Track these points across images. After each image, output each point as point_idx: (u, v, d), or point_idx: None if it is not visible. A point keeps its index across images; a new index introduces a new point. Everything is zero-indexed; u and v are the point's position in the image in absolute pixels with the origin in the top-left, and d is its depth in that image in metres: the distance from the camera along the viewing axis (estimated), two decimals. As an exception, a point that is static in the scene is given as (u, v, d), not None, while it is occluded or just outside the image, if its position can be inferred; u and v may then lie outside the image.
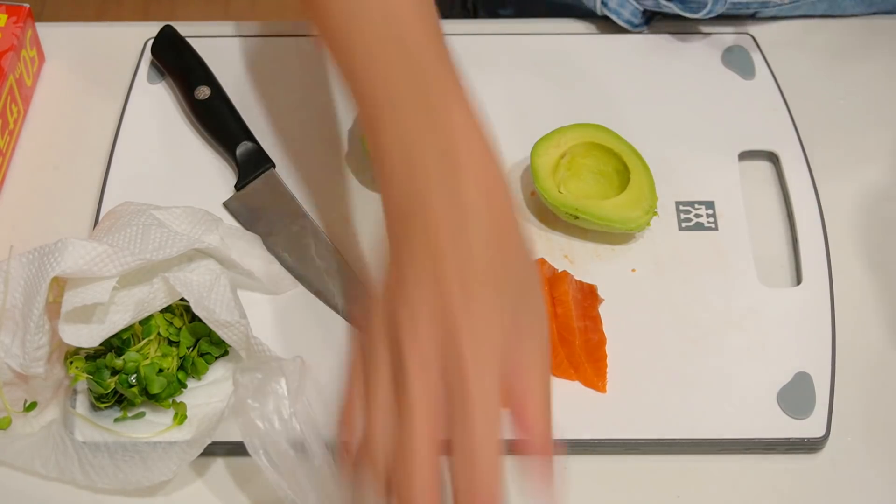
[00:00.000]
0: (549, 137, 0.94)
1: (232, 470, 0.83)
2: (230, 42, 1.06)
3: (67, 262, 0.80)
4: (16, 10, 1.01)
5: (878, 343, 0.89)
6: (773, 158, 0.99)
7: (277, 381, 0.79)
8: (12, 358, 0.81)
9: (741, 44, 1.05)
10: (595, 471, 0.83)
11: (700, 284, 0.91)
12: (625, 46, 1.05)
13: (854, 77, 1.05)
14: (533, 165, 0.93)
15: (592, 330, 0.87)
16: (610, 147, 0.94)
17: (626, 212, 0.91)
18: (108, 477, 0.81)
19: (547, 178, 0.92)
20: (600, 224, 0.91)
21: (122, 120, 1.00)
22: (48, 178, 0.98)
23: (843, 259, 0.93)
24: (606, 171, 0.95)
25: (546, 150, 0.94)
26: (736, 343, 0.88)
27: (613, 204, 0.91)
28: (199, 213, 0.89)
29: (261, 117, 1.00)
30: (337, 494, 0.78)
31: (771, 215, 0.96)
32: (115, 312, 0.82)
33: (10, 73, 0.97)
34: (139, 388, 0.82)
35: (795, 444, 0.84)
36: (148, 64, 1.04)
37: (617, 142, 0.95)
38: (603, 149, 0.95)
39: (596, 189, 0.95)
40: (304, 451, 0.78)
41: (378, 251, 0.72)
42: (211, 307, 0.83)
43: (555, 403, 0.84)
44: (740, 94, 1.02)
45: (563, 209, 0.91)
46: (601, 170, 0.95)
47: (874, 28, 1.10)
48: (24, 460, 0.82)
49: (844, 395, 0.86)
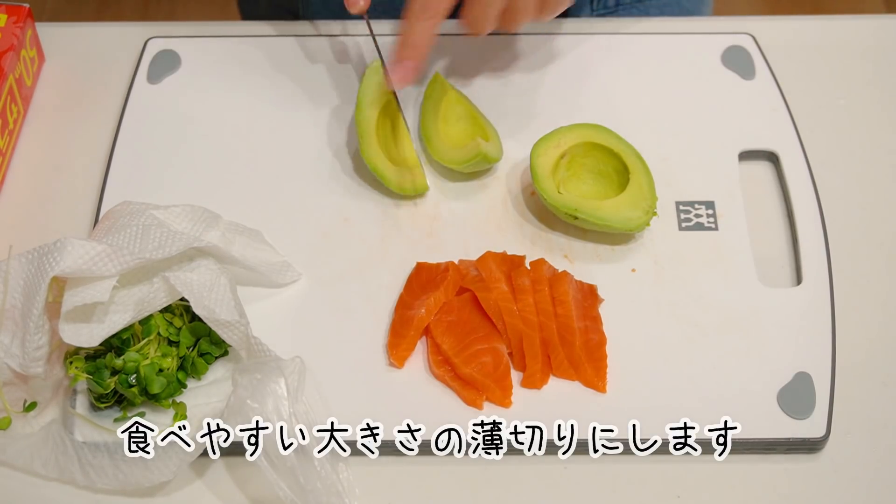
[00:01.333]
0: (548, 137, 0.94)
1: (231, 470, 0.83)
2: (230, 42, 1.06)
3: (67, 262, 0.80)
4: (16, 10, 1.01)
5: (878, 343, 0.89)
6: (773, 158, 0.99)
7: (277, 382, 0.79)
8: (12, 358, 0.81)
9: (741, 44, 1.05)
10: (595, 471, 0.83)
11: (700, 284, 0.91)
12: (625, 46, 1.05)
13: (854, 77, 1.05)
14: (532, 166, 0.93)
15: (592, 330, 0.87)
16: (609, 147, 0.94)
17: (626, 212, 0.91)
18: (108, 477, 0.81)
19: (546, 178, 0.92)
20: (599, 224, 0.91)
21: (122, 120, 1.00)
22: (48, 178, 0.98)
23: (843, 259, 0.93)
24: (606, 171, 0.95)
25: (546, 151, 0.94)
26: (736, 343, 0.88)
27: (613, 204, 0.91)
28: (199, 210, 0.89)
29: (260, 117, 1.00)
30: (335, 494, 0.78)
31: (771, 215, 0.96)
32: (115, 312, 0.82)
33: (10, 73, 0.98)
34: (139, 388, 0.82)
35: (795, 444, 0.84)
36: (148, 64, 1.04)
37: (616, 142, 0.95)
38: (602, 149, 0.95)
39: (595, 189, 0.95)
40: (304, 452, 0.78)
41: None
42: (211, 306, 0.83)
43: (555, 403, 0.85)
44: (740, 94, 1.02)
45: (562, 209, 0.91)
46: (601, 170, 0.95)
47: (874, 28, 1.10)
48: (24, 460, 0.82)
49: (844, 395, 0.86)
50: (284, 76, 1.03)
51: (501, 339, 0.87)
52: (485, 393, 0.85)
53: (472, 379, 0.85)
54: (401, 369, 0.86)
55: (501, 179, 0.97)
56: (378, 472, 0.83)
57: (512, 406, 0.85)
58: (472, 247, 0.93)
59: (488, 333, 0.87)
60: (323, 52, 1.05)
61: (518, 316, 0.87)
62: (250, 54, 1.05)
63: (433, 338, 0.87)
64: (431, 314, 0.87)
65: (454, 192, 0.96)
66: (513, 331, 0.86)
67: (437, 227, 0.94)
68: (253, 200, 0.95)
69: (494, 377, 0.85)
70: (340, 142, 0.99)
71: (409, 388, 0.86)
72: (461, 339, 0.86)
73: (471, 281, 0.89)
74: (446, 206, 0.96)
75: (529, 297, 0.87)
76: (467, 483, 0.83)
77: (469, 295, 0.89)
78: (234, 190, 0.96)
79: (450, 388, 0.85)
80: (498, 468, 0.83)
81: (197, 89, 1.02)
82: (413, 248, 0.93)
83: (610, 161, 0.95)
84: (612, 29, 1.07)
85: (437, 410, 0.84)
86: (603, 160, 0.95)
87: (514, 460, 0.84)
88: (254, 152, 0.98)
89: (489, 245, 0.93)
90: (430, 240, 0.94)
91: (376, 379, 0.86)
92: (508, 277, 0.89)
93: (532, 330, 0.86)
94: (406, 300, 0.89)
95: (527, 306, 0.87)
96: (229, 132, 1.00)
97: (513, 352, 0.87)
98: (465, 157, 0.95)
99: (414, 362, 0.87)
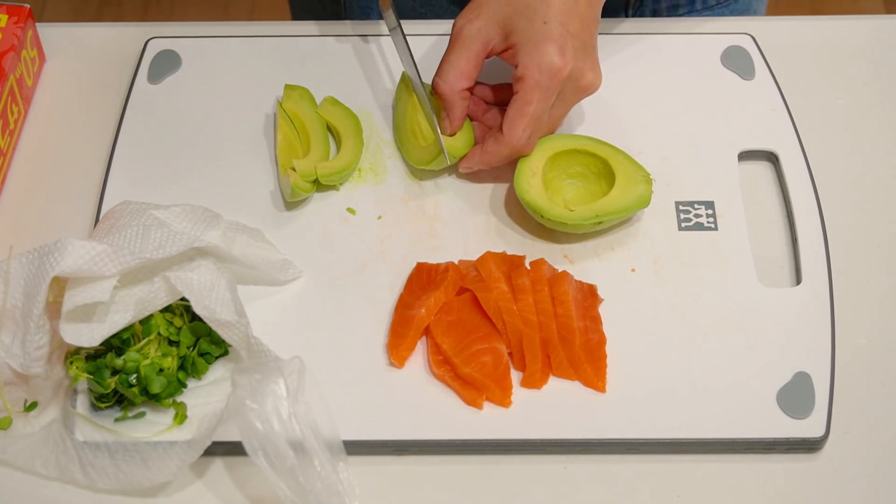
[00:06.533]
0: (521, 171, 0.93)
1: (231, 470, 0.83)
2: (230, 42, 1.06)
3: (67, 262, 0.80)
4: (16, 11, 1.01)
5: (878, 343, 0.90)
6: (772, 158, 0.99)
7: (276, 382, 0.79)
8: (12, 358, 0.81)
9: (741, 44, 1.05)
10: (595, 471, 0.83)
11: (700, 284, 0.91)
12: (624, 47, 1.05)
13: (853, 77, 1.06)
14: (529, 203, 0.92)
15: (592, 330, 0.88)
16: (573, 147, 0.94)
17: (633, 191, 0.91)
18: (109, 477, 0.81)
19: (552, 206, 0.92)
20: (624, 215, 0.91)
21: (122, 120, 1.00)
22: (48, 178, 0.98)
23: (843, 259, 0.93)
24: (583, 172, 0.95)
25: (529, 184, 0.92)
26: (736, 343, 0.88)
27: (619, 191, 0.92)
28: (199, 210, 0.89)
29: (260, 117, 1.00)
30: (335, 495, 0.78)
31: (771, 215, 0.96)
32: (116, 312, 0.82)
33: (10, 74, 0.98)
34: (139, 387, 0.83)
35: (795, 444, 0.84)
36: (148, 64, 1.04)
37: (575, 141, 0.95)
38: (569, 153, 0.94)
39: (588, 191, 0.95)
40: (304, 452, 0.78)
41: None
42: (211, 306, 0.83)
43: (555, 403, 0.85)
44: (740, 94, 1.02)
45: (585, 224, 0.91)
46: (576, 171, 0.95)
47: (873, 29, 1.10)
48: (24, 460, 0.82)
49: (844, 395, 0.86)
50: (285, 76, 1.03)
51: (501, 339, 0.87)
52: (485, 393, 0.85)
53: (472, 379, 0.85)
54: (401, 369, 0.86)
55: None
56: (378, 472, 0.83)
57: (512, 406, 0.85)
58: (472, 247, 0.93)
59: (488, 333, 0.87)
60: (323, 53, 1.05)
61: (518, 316, 0.87)
62: (250, 54, 1.05)
63: (433, 338, 0.87)
64: (431, 314, 0.87)
65: (454, 191, 0.97)
66: (513, 331, 0.86)
67: (437, 227, 0.94)
68: (253, 200, 0.95)
69: (494, 377, 0.85)
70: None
71: (409, 388, 0.86)
72: (461, 339, 0.86)
73: (471, 281, 0.89)
74: (446, 206, 0.96)
75: (529, 297, 0.87)
76: (467, 483, 0.83)
77: (469, 295, 0.89)
78: (234, 190, 0.96)
79: (450, 388, 0.86)
80: (498, 468, 0.83)
81: (197, 89, 1.03)
82: (413, 248, 0.93)
83: (579, 159, 0.95)
84: (611, 29, 1.07)
85: (437, 410, 0.84)
86: (576, 161, 0.95)
87: (515, 460, 0.84)
88: (254, 152, 0.98)
89: (489, 245, 0.93)
90: (430, 240, 0.94)
91: (376, 379, 0.86)
92: (508, 277, 0.89)
93: (532, 330, 0.86)
94: (406, 300, 0.89)
95: (527, 306, 0.87)
96: (229, 132, 1.00)
97: (513, 352, 0.87)
98: (427, 157, 0.95)
99: (414, 362, 0.87)
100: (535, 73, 0.90)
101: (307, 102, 1.00)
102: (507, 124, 0.91)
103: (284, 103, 0.99)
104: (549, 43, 0.89)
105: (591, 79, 0.92)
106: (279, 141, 0.96)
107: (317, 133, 0.98)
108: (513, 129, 0.91)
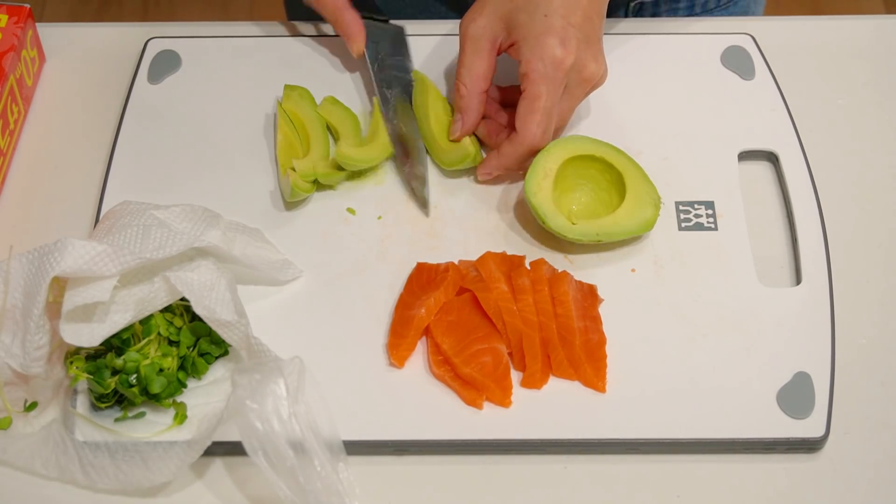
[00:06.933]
0: (534, 171, 0.92)
1: (231, 470, 0.83)
2: (230, 42, 1.06)
3: (67, 262, 0.80)
4: (16, 11, 1.01)
5: (877, 343, 0.90)
6: (772, 158, 0.99)
7: (276, 382, 0.79)
8: (12, 358, 0.81)
9: (741, 44, 1.05)
10: (595, 471, 0.83)
11: (700, 284, 0.91)
12: (625, 47, 1.05)
13: (853, 77, 1.06)
14: (534, 208, 0.91)
15: (592, 330, 0.88)
16: (592, 154, 0.94)
17: (639, 214, 0.91)
18: (109, 477, 0.81)
19: (555, 216, 0.91)
20: (625, 237, 0.91)
21: (123, 120, 1.00)
22: (48, 178, 0.98)
23: (843, 259, 0.93)
24: (596, 177, 0.95)
25: (539, 186, 0.92)
26: (736, 343, 0.88)
27: (625, 212, 0.91)
28: (199, 210, 0.89)
29: (260, 117, 1.01)
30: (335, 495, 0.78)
31: (771, 215, 0.96)
32: (116, 312, 0.82)
33: (10, 74, 0.98)
34: (139, 387, 0.83)
35: (795, 444, 0.84)
36: (148, 64, 1.04)
37: (595, 146, 0.94)
38: (586, 158, 0.94)
39: (597, 198, 0.95)
40: (304, 452, 0.78)
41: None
42: (211, 306, 0.83)
43: (555, 403, 0.85)
44: (740, 94, 1.02)
45: (585, 240, 0.91)
46: (591, 175, 0.95)
47: (873, 29, 1.10)
48: (24, 460, 0.82)
49: (844, 394, 0.86)
50: (285, 76, 1.03)
51: (501, 339, 0.87)
52: (485, 393, 0.85)
53: (472, 379, 0.85)
54: (401, 369, 0.86)
55: (501, 179, 0.97)
56: (378, 472, 0.83)
57: (512, 406, 0.85)
58: (472, 247, 0.93)
59: (488, 333, 0.87)
60: (323, 53, 1.05)
61: (518, 316, 0.87)
62: (250, 54, 1.05)
63: (433, 338, 0.87)
64: (431, 314, 0.87)
65: (454, 191, 0.97)
66: (513, 331, 0.86)
67: (437, 227, 0.94)
68: (253, 200, 0.95)
69: (494, 377, 0.85)
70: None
71: (409, 388, 0.86)
72: (461, 339, 0.86)
73: (471, 281, 0.89)
74: (446, 206, 0.96)
75: (529, 297, 0.87)
76: (467, 483, 0.83)
77: (469, 295, 0.89)
78: (234, 190, 0.96)
79: (450, 388, 0.86)
80: (498, 468, 0.83)
81: (197, 89, 1.03)
82: (413, 248, 0.93)
83: (596, 164, 0.94)
84: (611, 29, 1.07)
85: (437, 410, 0.85)
86: (591, 166, 0.94)
87: (515, 460, 0.84)
88: (254, 152, 0.99)
89: (489, 245, 0.93)
90: (430, 240, 0.94)
91: (376, 379, 0.86)
92: (508, 277, 0.89)
93: (532, 330, 0.86)
94: (406, 300, 0.89)
95: (527, 306, 0.87)
96: (229, 132, 1.00)
97: (513, 352, 0.87)
98: (454, 159, 0.95)
99: (414, 362, 0.87)
100: (538, 65, 0.90)
101: (307, 102, 1.00)
102: (520, 121, 0.91)
103: (284, 103, 0.99)
104: (551, 35, 0.90)
105: (593, 69, 0.92)
106: (279, 141, 0.96)
107: (317, 133, 0.98)
108: (526, 126, 0.91)
